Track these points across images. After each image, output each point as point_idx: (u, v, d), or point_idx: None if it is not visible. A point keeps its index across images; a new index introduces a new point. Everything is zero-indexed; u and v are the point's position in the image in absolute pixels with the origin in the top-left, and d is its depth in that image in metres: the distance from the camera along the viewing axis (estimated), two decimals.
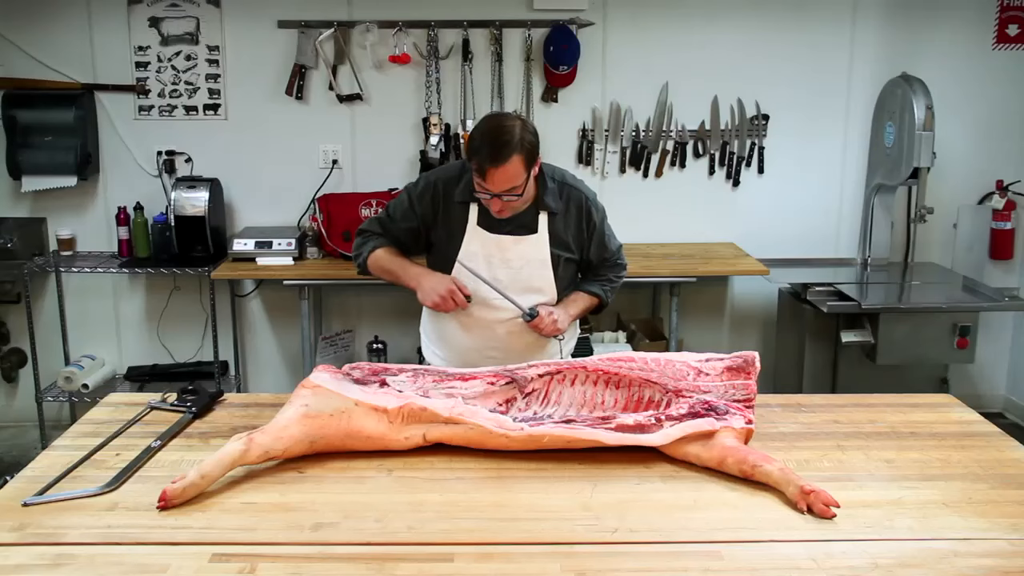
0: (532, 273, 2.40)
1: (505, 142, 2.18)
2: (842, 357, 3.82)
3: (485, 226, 2.38)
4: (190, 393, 2.17)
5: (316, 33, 4.06)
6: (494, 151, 2.18)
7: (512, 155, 2.19)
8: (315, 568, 1.46)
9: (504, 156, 2.18)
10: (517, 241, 2.39)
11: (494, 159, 2.18)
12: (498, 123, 2.24)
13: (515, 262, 2.39)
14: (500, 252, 2.38)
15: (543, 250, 2.40)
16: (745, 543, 1.55)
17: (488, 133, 2.22)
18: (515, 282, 2.40)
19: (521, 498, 1.71)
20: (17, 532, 1.56)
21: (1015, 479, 1.80)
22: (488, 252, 2.39)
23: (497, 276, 2.39)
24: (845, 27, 4.19)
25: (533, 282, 2.41)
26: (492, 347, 2.45)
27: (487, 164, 2.19)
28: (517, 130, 2.21)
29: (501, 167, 2.19)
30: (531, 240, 2.39)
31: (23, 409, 4.37)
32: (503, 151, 2.18)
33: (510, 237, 2.38)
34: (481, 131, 2.25)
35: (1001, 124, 4.27)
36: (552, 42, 4.06)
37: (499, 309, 2.42)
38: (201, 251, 3.99)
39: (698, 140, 4.26)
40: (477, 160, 2.21)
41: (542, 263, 2.40)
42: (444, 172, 2.45)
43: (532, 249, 2.39)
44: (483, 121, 2.32)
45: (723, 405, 1.94)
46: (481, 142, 2.21)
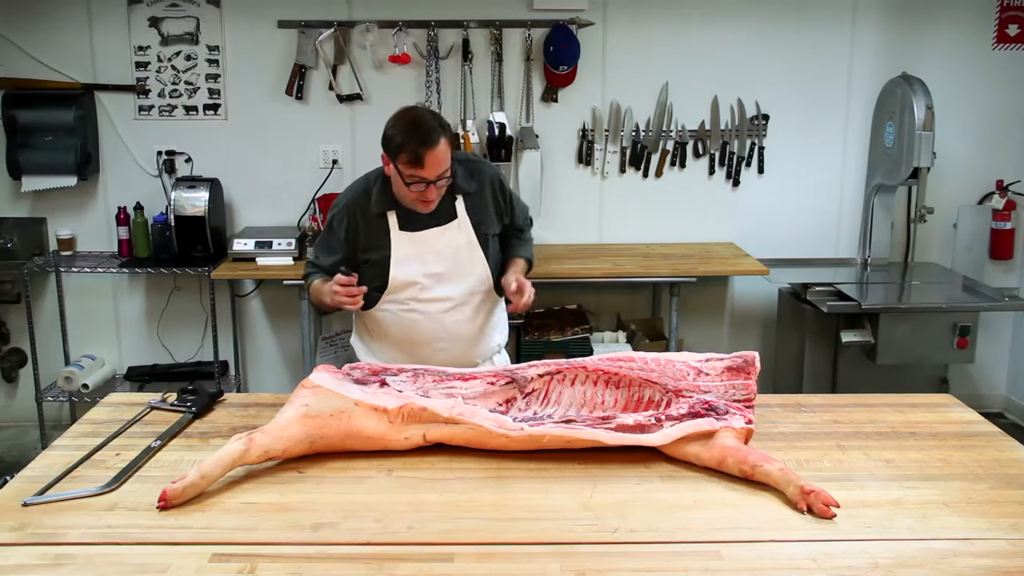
0: (464, 257, 2.46)
1: (431, 127, 2.25)
2: (842, 357, 3.82)
3: (407, 228, 2.43)
4: (190, 393, 2.17)
5: (316, 33, 4.06)
6: (424, 136, 2.23)
7: (441, 137, 2.25)
8: (315, 568, 1.46)
9: (435, 138, 2.24)
10: (442, 232, 2.44)
11: (427, 143, 2.23)
12: (414, 114, 2.30)
13: (445, 252, 2.44)
14: (429, 247, 2.44)
15: (468, 233, 2.46)
16: (745, 543, 1.55)
17: (410, 123, 2.27)
18: (450, 273, 2.46)
19: (521, 498, 1.70)
20: (17, 532, 1.56)
21: (1015, 479, 1.79)
22: (419, 251, 2.43)
23: (432, 270, 2.44)
24: (845, 27, 4.19)
25: (467, 266, 2.47)
26: (440, 339, 2.48)
27: (422, 149, 2.22)
28: (431, 115, 2.31)
29: (435, 149, 2.24)
30: (454, 226, 2.45)
31: (23, 409, 4.37)
32: (432, 134, 2.24)
33: (434, 229, 2.43)
34: (402, 124, 2.28)
35: (1001, 124, 4.27)
36: (552, 42, 4.06)
37: (439, 300, 2.46)
38: (201, 251, 3.99)
39: (698, 140, 4.26)
40: (409, 150, 2.23)
41: (470, 244, 2.46)
42: (350, 193, 2.52)
43: (457, 235, 2.45)
44: (398, 116, 2.33)
45: (723, 405, 1.94)
46: (407, 133, 2.25)
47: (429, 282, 2.45)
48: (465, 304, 2.49)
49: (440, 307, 2.47)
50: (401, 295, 2.47)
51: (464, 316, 2.50)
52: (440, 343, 2.48)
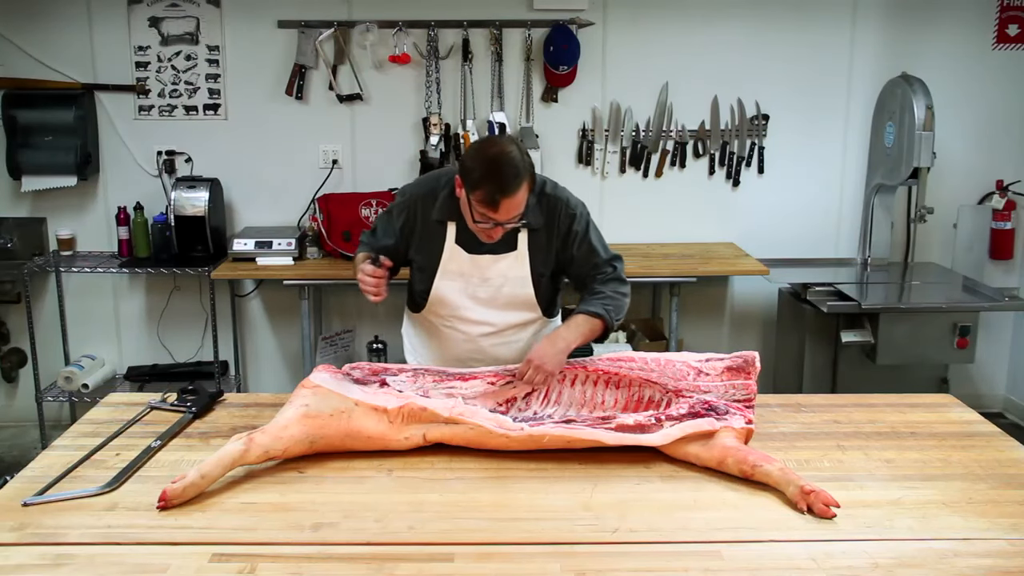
0: (512, 291, 2.35)
1: (515, 171, 2.09)
2: (842, 357, 3.82)
3: (463, 245, 2.31)
4: (190, 393, 2.17)
5: (316, 33, 4.05)
6: (505, 181, 2.08)
7: (523, 183, 2.11)
8: (315, 568, 1.46)
9: (516, 186, 2.09)
10: (496, 259, 2.32)
11: (506, 190, 2.08)
12: (500, 150, 2.12)
13: (494, 280, 2.34)
14: (479, 271, 2.33)
15: (523, 268, 2.33)
16: (745, 543, 1.55)
17: (493, 162, 2.09)
18: (495, 299, 2.36)
19: (521, 498, 1.71)
20: (17, 532, 1.56)
21: (1015, 479, 1.80)
22: (467, 271, 2.33)
23: (476, 294, 2.35)
24: (845, 27, 4.19)
25: (514, 299, 2.37)
26: (476, 359, 2.42)
27: (499, 195, 2.08)
28: (519, 155, 2.12)
29: (513, 196, 2.09)
30: (511, 258, 2.32)
31: (23, 409, 4.37)
32: (514, 181, 2.08)
33: (489, 256, 2.31)
34: (484, 161, 2.11)
35: (1001, 124, 4.27)
36: (552, 42, 4.06)
37: (478, 323, 2.38)
38: (201, 251, 3.99)
39: (698, 140, 4.26)
40: (485, 191, 2.09)
41: (522, 281, 2.34)
42: (419, 189, 2.38)
43: (512, 267, 2.33)
44: (481, 149, 2.17)
45: (723, 405, 1.94)
46: (486, 172, 2.09)
47: (470, 304, 2.36)
48: (505, 332, 2.40)
49: (479, 330, 2.39)
50: (442, 310, 2.39)
51: (503, 341, 2.41)
52: (477, 363, 2.39)
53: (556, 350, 2.15)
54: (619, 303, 2.32)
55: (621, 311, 2.33)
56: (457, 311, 2.37)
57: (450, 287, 2.35)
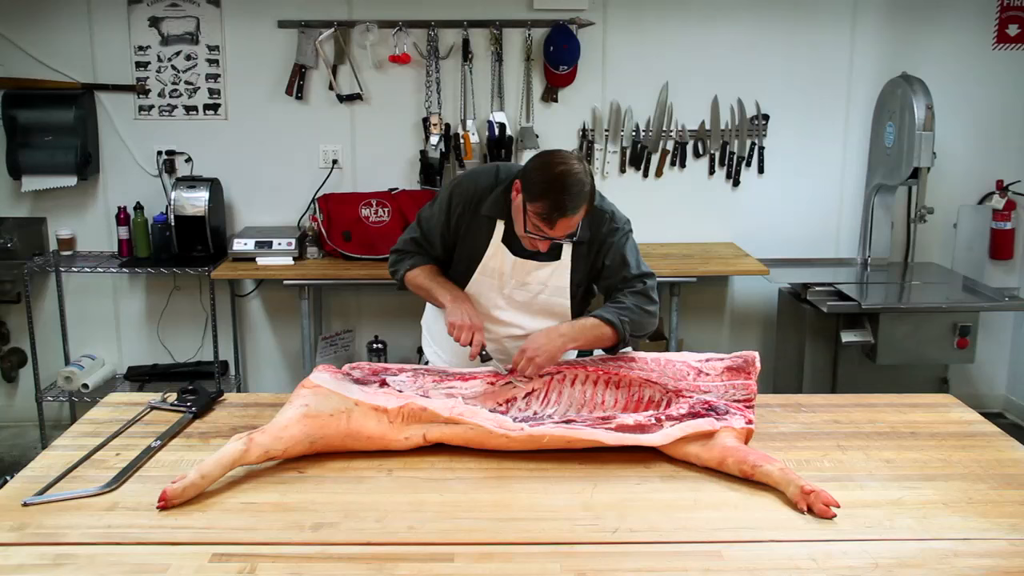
0: (549, 299, 2.34)
1: (579, 193, 2.05)
2: (842, 357, 3.82)
3: (509, 245, 2.29)
4: (190, 393, 2.17)
5: (316, 33, 4.05)
6: (569, 202, 2.05)
7: (582, 205, 2.09)
8: (315, 568, 1.46)
9: (576, 208, 2.07)
10: (539, 266, 2.30)
11: (565, 211, 2.05)
12: (568, 168, 2.06)
13: (533, 286, 2.32)
14: (519, 274, 2.32)
15: (563, 278, 2.31)
16: (745, 543, 1.55)
17: (558, 180, 2.05)
18: (530, 306, 2.35)
19: (521, 498, 1.71)
20: (17, 532, 1.56)
21: (1015, 479, 1.80)
22: (506, 271, 2.31)
23: (513, 296, 2.33)
24: (845, 27, 4.19)
25: (549, 308, 2.35)
26: (500, 360, 2.40)
27: (558, 215, 2.06)
28: (584, 175, 2.08)
29: (571, 218, 2.08)
30: (553, 266, 2.30)
31: (23, 409, 4.37)
32: (575, 202, 2.06)
33: (533, 261, 2.29)
34: (549, 176, 2.06)
35: (1001, 124, 4.27)
36: (552, 42, 4.06)
37: (508, 325, 2.37)
38: (201, 251, 3.99)
39: (698, 140, 4.26)
40: (544, 207, 2.06)
41: (560, 290, 2.33)
42: (474, 181, 2.33)
43: (553, 276, 2.31)
44: (548, 164, 2.10)
45: (723, 405, 1.94)
46: (549, 188, 2.05)
47: (504, 304, 2.34)
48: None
49: (507, 331, 2.37)
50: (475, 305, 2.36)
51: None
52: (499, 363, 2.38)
53: (551, 343, 2.13)
54: (638, 317, 2.25)
55: (641, 327, 2.27)
56: (490, 310, 2.36)
57: (488, 284, 2.34)
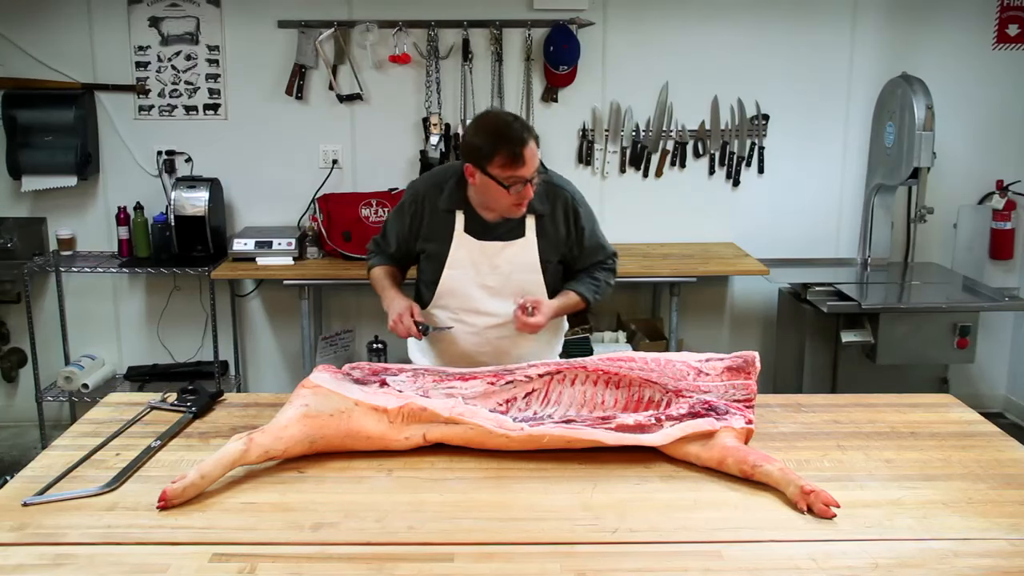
0: (521, 278, 2.40)
1: (521, 124, 2.24)
2: (842, 357, 3.82)
3: (472, 233, 2.38)
4: (190, 393, 2.17)
5: (316, 33, 4.05)
6: (519, 134, 2.21)
7: (531, 134, 2.24)
8: (315, 568, 1.46)
9: (528, 136, 2.22)
10: (505, 246, 2.38)
11: (523, 141, 2.20)
12: (497, 118, 2.30)
13: (503, 267, 2.39)
14: (488, 258, 2.38)
15: (532, 254, 2.39)
16: (745, 543, 1.55)
17: (498, 126, 2.24)
18: (505, 287, 2.40)
19: (521, 498, 1.71)
20: (17, 532, 1.56)
21: (1015, 479, 1.80)
22: (475, 259, 2.38)
23: (486, 282, 2.39)
24: (845, 27, 4.19)
25: (523, 286, 2.41)
26: (482, 352, 2.44)
27: (519, 148, 2.19)
28: (511, 115, 2.29)
29: (529, 144, 2.21)
30: (519, 244, 2.38)
31: (23, 409, 4.37)
32: (523, 130, 2.22)
33: (498, 243, 2.38)
34: (488, 131, 2.25)
35: (1001, 124, 4.27)
36: (552, 42, 4.06)
37: (487, 314, 2.42)
38: (201, 251, 3.99)
39: (698, 140, 4.26)
40: (506, 151, 2.19)
41: (531, 267, 2.40)
42: (426, 182, 2.46)
43: (520, 253, 2.39)
44: (481, 123, 2.32)
45: (723, 405, 1.94)
46: (498, 137, 2.21)
47: (479, 294, 2.40)
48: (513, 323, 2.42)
49: (487, 321, 2.42)
50: (451, 303, 2.42)
51: (510, 333, 2.43)
52: (483, 356, 2.43)
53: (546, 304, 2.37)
54: (605, 290, 2.52)
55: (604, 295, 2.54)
56: (466, 301, 2.41)
57: (459, 276, 2.39)
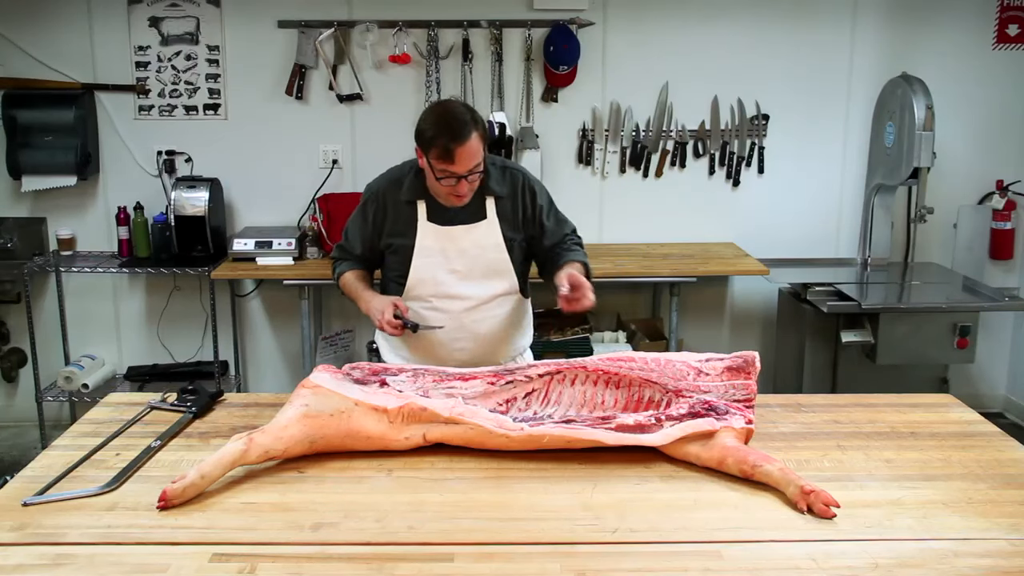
0: (488, 258, 2.45)
1: (463, 120, 2.24)
2: (842, 357, 3.82)
3: (435, 220, 2.42)
4: (190, 393, 2.17)
5: (316, 33, 4.06)
6: (456, 130, 2.23)
7: (472, 131, 2.24)
8: (315, 568, 1.46)
9: (467, 133, 2.23)
10: (469, 230, 2.43)
11: (457, 137, 2.22)
12: (447, 107, 2.31)
13: (471, 250, 2.43)
14: (454, 243, 2.43)
15: (495, 234, 2.44)
16: (745, 543, 1.55)
17: (443, 116, 2.27)
18: (473, 270, 2.44)
19: (521, 498, 1.70)
20: (17, 532, 1.56)
21: (1015, 479, 1.80)
22: (442, 245, 2.42)
23: (455, 267, 2.43)
24: (845, 27, 4.19)
25: (490, 266, 2.46)
26: (459, 339, 2.46)
27: (452, 144, 2.22)
28: (465, 109, 2.29)
29: (466, 144, 2.23)
30: (482, 227, 2.43)
31: (23, 409, 4.37)
32: (464, 128, 2.23)
33: (461, 227, 2.42)
34: (434, 118, 2.28)
35: (1001, 124, 4.27)
36: (552, 42, 4.06)
37: (461, 298, 2.45)
38: (201, 251, 3.99)
39: (698, 140, 4.26)
40: (440, 143, 2.23)
41: (497, 247, 2.45)
42: (384, 178, 2.51)
43: (484, 235, 2.44)
44: (430, 110, 2.36)
45: (723, 405, 1.94)
46: (438, 127, 2.24)
47: (450, 279, 2.43)
48: (486, 305, 2.47)
49: (461, 306, 2.45)
50: (424, 292, 2.45)
51: (484, 316, 2.47)
52: (460, 343, 2.46)
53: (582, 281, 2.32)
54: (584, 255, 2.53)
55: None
56: (438, 288, 2.44)
57: (428, 264, 2.43)
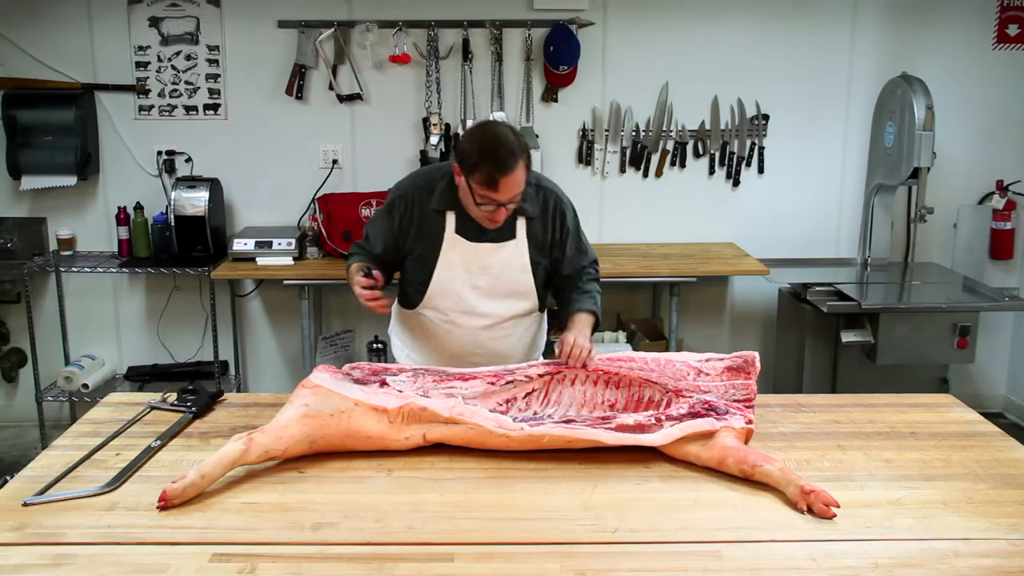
0: (512, 278, 2.39)
1: (511, 150, 2.15)
2: (842, 357, 3.82)
3: (463, 234, 2.34)
4: (190, 393, 2.17)
5: (316, 33, 4.05)
6: (503, 160, 2.14)
7: (519, 161, 2.16)
8: (315, 568, 1.46)
9: (513, 163, 2.14)
10: (497, 248, 2.36)
11: (504, 168, 2.13)
12: (495, 131, 2.21)
13: (495, 268, 2.37)
14: (479, 260, 2.36)
15: (523, 255, 2.38)
16: (745, 543, 1.55)
17: (490, 142, 2.17)
18: (495, 288, 2.39)
19: (521, 498, 1.71)
20: (17, 532, 1.56)
21: (1015, 479, 1.80)
22: (467, 260, 2.36)
23: (477, 283, 2.38)
24: (845, 27, 4.19)
25: (514, 287, 2.40)
26: (473, 352, 2.44)
27: (498, 174, 2.13)
28: (513, 135, 2.20)
29: (512, 174, 2.15)
30: (510, 246, 2.36)
31: (23, 409, 4.37)
32: (512, 159, 2.14)
33: (490, 244, 2.35)
34: (480, 141, 2.18)
35: (1001, 124, 4.27)
36: (552, 42, 4.06)
37: (480, 315, 2.41)
38: (201, 251, 3.99)
39: (698, 140, 4.26)
40: (484, 171, 2.14)
41: (522, 268, 2.39)
42: (415, 181, 2.42)
43: (512, 255, 2.37)
44: (477, 132, 2.26)
45: (723, 405, 1.94)
46: (484, 152, 2.15)
47: (472, 296, 2.39)
48: (505, 324, 2.43)
49: (479, 323, 2.41)
50: (443, 305, 2.41)
51: (502, 334, 2.43)
52: (475, 357, 2.42)
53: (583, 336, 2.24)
54: (600, 303, 2.46)
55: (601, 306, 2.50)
56: (458, 303, 2.39)
57: (451, 277, 2.38)
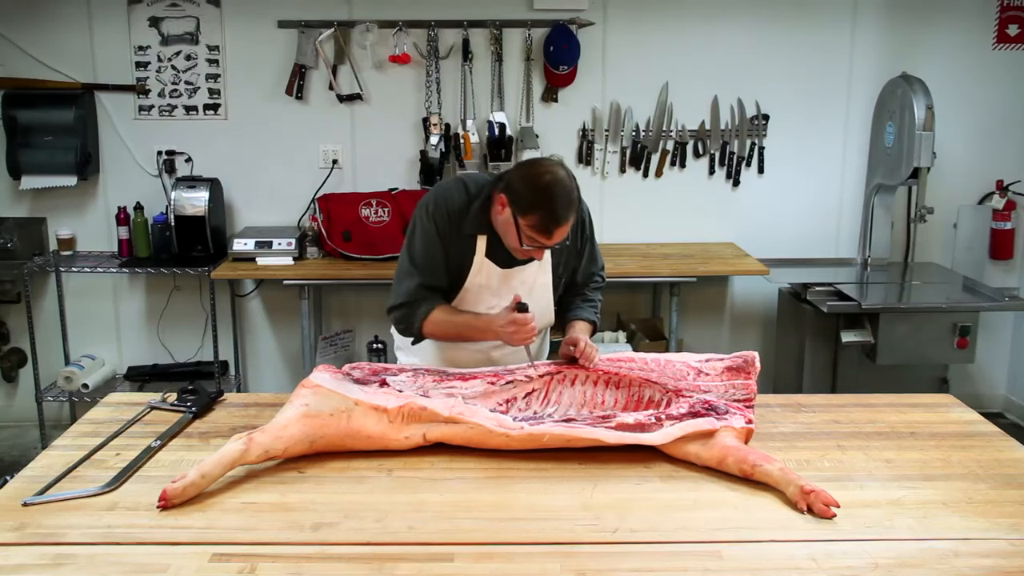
0: (533, 296, 2.35)
1: (568, 200, 2.09)
2: (842, 357, 3.82)
3: (493, 259, 2.29)
4: (190, 393, 2.17)
5: (316, 33, 4.06)
6: (560, 210, 2.08)
7: (574, 211, 2.13)
8: (315, 568, 1.46)
9: (569, 214, 2.10)
10: (523, 270, 2.33)
11: (560, 220, 2.09)
12: (554, 177, 2.10)
13: (519, 288, 2.33)
14: (505, 281, 2.32)
15: (546, 275, 2.36)
16: (745, 543, 1.55)
17: (547, 191, 2.08)
18: None
19: (521, 498, 1.71)
20: (17, 532, 1.56)
21: (1015, 479, 1.80)
22: (493, 283, 2.32)
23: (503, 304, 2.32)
24: (845, 27, 4.19)
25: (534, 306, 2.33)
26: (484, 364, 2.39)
27: (554, 225, 2.09)
28: (570, 181, 2.12)
29: (566, 224, 2.11)
30: (535, 266, 2.33)
31: (23, 409, 4.37)
32: (569, 210, 2.10)
33: (517, 267, 2.32)
34: (537, 188, 2.09)
35: (1001, 124, 4.27)
36: (552, 42, 4.06)
37: None
38: (201, 251, 3.99)
39: (698, 140, 4.26)
40: (539, 219, 2.08)
41: (544, 287, 2.37)
42: (449, 198, 2.29)
43: (536, 275, 2.35)
44: (533, 176, 2.12)
45: (723, 405, 1.94)
46: (540, 200, 2.08)
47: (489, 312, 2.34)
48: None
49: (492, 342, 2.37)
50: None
51: (511, 351, 2.38)
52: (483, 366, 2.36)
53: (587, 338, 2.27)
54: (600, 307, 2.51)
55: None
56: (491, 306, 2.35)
57: (475, 300, 2.33)
